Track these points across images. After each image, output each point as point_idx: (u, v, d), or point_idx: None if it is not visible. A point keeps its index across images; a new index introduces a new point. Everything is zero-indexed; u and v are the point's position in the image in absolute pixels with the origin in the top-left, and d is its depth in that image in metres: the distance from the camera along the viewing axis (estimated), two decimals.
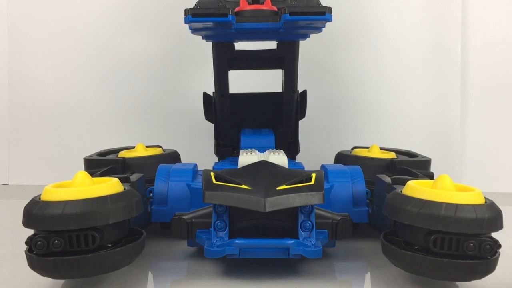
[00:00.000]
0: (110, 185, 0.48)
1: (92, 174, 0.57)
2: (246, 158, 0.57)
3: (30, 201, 0.47)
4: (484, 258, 0.45)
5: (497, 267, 0.46)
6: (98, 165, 0.69)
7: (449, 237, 0.44)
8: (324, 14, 0.59)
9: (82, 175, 0.48)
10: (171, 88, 1.01)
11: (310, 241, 0.49)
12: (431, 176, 0.64)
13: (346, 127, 1.01)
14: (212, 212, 0.50)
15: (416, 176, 0.61)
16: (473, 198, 0.46)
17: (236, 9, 0.63)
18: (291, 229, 0.50)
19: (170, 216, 0.54)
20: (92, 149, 0.79)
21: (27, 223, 0.45)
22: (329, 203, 0.59)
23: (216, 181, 0.50)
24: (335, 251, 0.59)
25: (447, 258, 0.44)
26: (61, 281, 0.50)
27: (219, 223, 0.50)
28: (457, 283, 0.50)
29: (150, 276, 0.54)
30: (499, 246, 0.46)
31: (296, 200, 0.48)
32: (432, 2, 0.98)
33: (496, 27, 0.97)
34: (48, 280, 0.49)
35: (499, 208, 0.46)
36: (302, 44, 0.72)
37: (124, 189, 0.49)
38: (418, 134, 0.99)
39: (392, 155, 0.74)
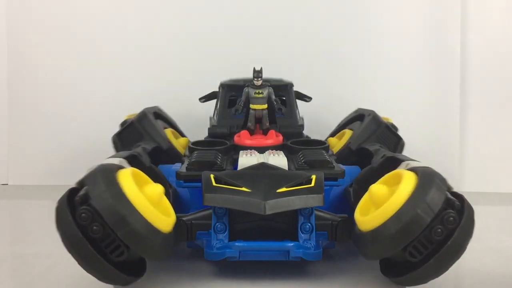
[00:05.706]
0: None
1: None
2: (246, 159, 0.57)
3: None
4: (454, 230, 0.43)
5: (496, 267, 0.45)
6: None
7: (417, 240, 0.43)
8: (337, 180, 0.57)
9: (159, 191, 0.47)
10: (171, 88, 1.00)
11: (310, 243, 0.49)
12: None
13: None
14: (212, 214, 0.50)
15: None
16: (405, 191, 0.43)
17: (236, 140, 0.63)
18: (291, 231, 0.50)
19: None
20: (91, 149, 0.78)
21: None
22: (328, 204, 0.59)
23: (216, 183, 0.50)
24: (335, 252, 0.59)
25: (432, 258, 0.43)
26: (59, 282, 0.50)
27: (219, 225, 0.50)
28: (456, 281, 0.49)
29: (149, 277, 0.53)
30: (459, 207, 0.43)
31: (296, 202, 0.48)
32: (432, 2, 0.98)
33: (496, 27, 0.97)
34: (45, 282, 0.49)
35: (430, 177, 0.44)
36: (302, 42, 0.71)
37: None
38: (417, 133, 0.99)
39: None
